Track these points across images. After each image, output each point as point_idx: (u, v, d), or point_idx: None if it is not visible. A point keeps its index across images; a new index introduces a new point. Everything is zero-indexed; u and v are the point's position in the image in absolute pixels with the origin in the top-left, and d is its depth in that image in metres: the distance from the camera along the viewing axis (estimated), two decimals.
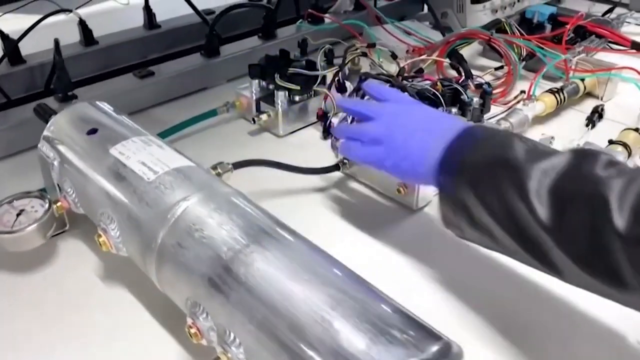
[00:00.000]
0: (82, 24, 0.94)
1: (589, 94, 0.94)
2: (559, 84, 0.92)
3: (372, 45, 0.91)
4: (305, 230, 0.48)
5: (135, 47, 1.00)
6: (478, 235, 0.50)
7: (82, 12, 0.94)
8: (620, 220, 0.38)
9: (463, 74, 0.92)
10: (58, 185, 0.61)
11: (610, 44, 1.09)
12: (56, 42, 0.80)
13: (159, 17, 1.04)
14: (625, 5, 1.28)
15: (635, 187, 0.39)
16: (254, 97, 0.85)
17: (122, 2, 1.12)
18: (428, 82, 0.76)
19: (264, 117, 0.83)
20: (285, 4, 1.11)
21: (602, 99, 0.93)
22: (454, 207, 0.51)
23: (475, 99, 0.76)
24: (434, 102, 0.72)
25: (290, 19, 1.15)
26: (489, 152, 0.48)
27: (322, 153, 0.80)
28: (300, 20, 1.12)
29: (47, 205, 0.60)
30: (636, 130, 0.77)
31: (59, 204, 0.60)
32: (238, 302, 0.42)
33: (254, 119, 0.83)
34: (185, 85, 0.95)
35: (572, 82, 0.91)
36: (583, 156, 0.44)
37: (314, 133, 0.86)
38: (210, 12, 1.09)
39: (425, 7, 1.31)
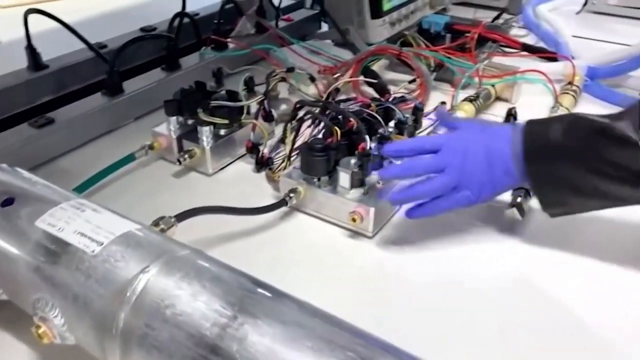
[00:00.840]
0: None
1: (498, 98, 0.98)
2: (468, 92, 0.95)
3: (291, 70, 0.88)
4: (271, 276, 0.44)
5: (21, 93, 0.88)
6: (587, 203, 0.58)
7: None
8: None
9: (380, 90, 0.93)
10: None
11: (502, 48, 1.16)
12: None
13: (45, 56, 0.93)
14: (504, 10, 1.37)
15: None
16: (174, 136, 0.79)
17: None
18: (360, 103, 0.75)
19: (189, 156, 0.76)
20: (184, 31, 1.04)
21: (512, 102, 0.97)
22: (555, 186, 0.58)
23: (408, 116, 0.76)
24: (372, 123, 0.71)
25: (191, 46, 1.08)
26: (562, 129, 0.57)
27: (257, 186, 0.76)
28: (203, 47, 1.06)
29: None
30: None
31: None
32: None
33: (179, 160, 0.76)
34: (89, 129, 0.86)
35: (484, 89, 0.94)
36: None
37: (245, 166, 0.81)
38: (102, 45, 0.99)
39: (324, 25, 1.32)
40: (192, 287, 0.41)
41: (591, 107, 0.96)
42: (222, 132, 0.79)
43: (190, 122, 0.80)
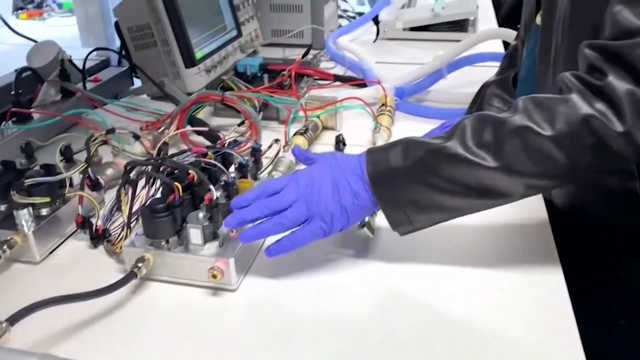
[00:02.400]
0: None
1: (325, 128, 1.02)
2: (297, 126, 0.97)
3: (111, 131, 0.82)
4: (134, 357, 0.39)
5: None
6: (430, 217, 0.63)
7: None
8: (548, 130, 0.56)
9: (212, 138, 0.91)
10: None
11: (317, 81, 1.22)
12: None
13: None
14: (310, 46, 1.45)
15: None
16: None
17: None
18: (195, 154, 0.72)
19: (8, 246, 0.66)
20: None
21: (337, 129, 1.02)
22: (401, 206, 0.61)
23: (247, 158, 0.75)
24: (212, 171, 0.68)
25: None
26: (400, 153, 0.61)
27: (98, 264, 0.69)
28: (3, 122, 0.94)
29: None
30: None
31: None
32: None
33: None
34: None
35: (310, 121, 0.98)
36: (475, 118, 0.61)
37: (78, 244, 0.72)
38: None
39: (137, 80, 1.26)
40: None
41: (407, 122, 1.05)
42: (44, 211, 0.71)
43: (3, 207, 0.70)
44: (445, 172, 0.59)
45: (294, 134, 0.93)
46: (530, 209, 0.76)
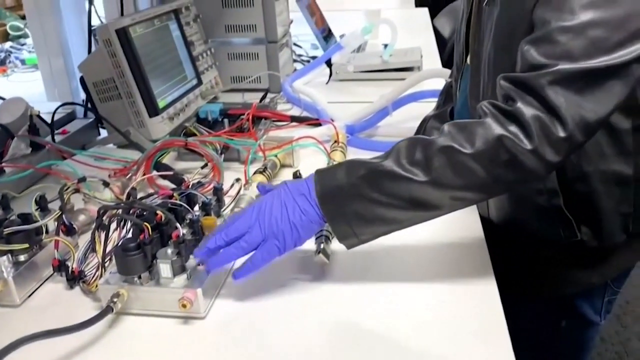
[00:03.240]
0: None
1: (283, 165, 1.10)
2: (256, 165, 1.05)
3: (82, 180, 0.88)
4: None
5: None
6: (373, 229, 0.70)
7: None
8: (469, 148, 0.66)
9: (177, 181, 0.98)
10: None
11: (275, 123, 1.31)
12: None
13: None
14: (267, 90, 1.54)
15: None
16: None
17: None
18: (162, 196, 0.78)
19: None
20: None
21: (294, 166, 1.10)
22: (347, 220, 0.69)
23: (210, 197, 0.82)
24: (178, 211, 0.75)
25: None
26: (344, 172, 0.69)
27: (75, 303, 0.74)
28: None
29: None
30: None
31: None
32: None
33: None
34: None
35: (269, 160, 1.06)
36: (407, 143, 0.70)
37: (55, 286, 0.77)
38: None
39: (103, 131, 1.33)
40: None
41: (358, 156, 1.12)
42: (22, 257, 0.76)
43: None
44: (384, 187, 0.67)
45: (254, 173, 1.01)
46: (467, 228, 0.85)
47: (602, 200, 0.85)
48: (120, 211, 0.74)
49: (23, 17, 2.52)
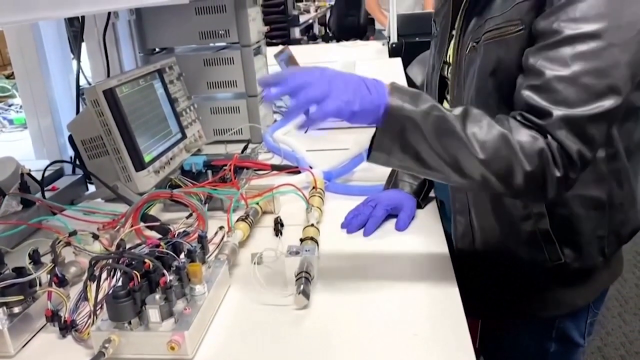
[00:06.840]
0: None
1: (264, 212, 1.16)
2: (239, 213, 1.10)
3: (73, 233, 0.93)
4: None
5: None
6: (403, 158, 0.77)
7: None
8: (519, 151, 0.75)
9: (163, 231, 1.03)
10: None
11: (256, 172, 1.37)
12: None
13: None
14: (249, 141, 1.61)
15: None
16: None
17: None
18: (150, 245, 0.83)
19: None
20: None
21: (275, 212, 1.16)
22: (394, 136, 0.76)
23: (195, 245, 0.87)
24: (165, 259, 0.80)
25: None
26: (419, 100, 0.77)
27: (68, 351, 0.78)
28: None
29: None
30: (312, 225, 1.01)
31: None
32: None
33: None
34: None
35: (251, 208, 1.11)
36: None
37: (48, 336, 0.81)
38: None
39: (91, 186, 1.38)
40: None
41: (336, 200, 1.20)
42: (17, 309, 0.80)
43: None
44: (441, 134, 0.75)
45: (237, 220, 1.06)
46: (435, 254, 0.91)
47: (582, 223, 0.92)
48: (110, 261, 0.78)
49: (8, 77, 2.59)
